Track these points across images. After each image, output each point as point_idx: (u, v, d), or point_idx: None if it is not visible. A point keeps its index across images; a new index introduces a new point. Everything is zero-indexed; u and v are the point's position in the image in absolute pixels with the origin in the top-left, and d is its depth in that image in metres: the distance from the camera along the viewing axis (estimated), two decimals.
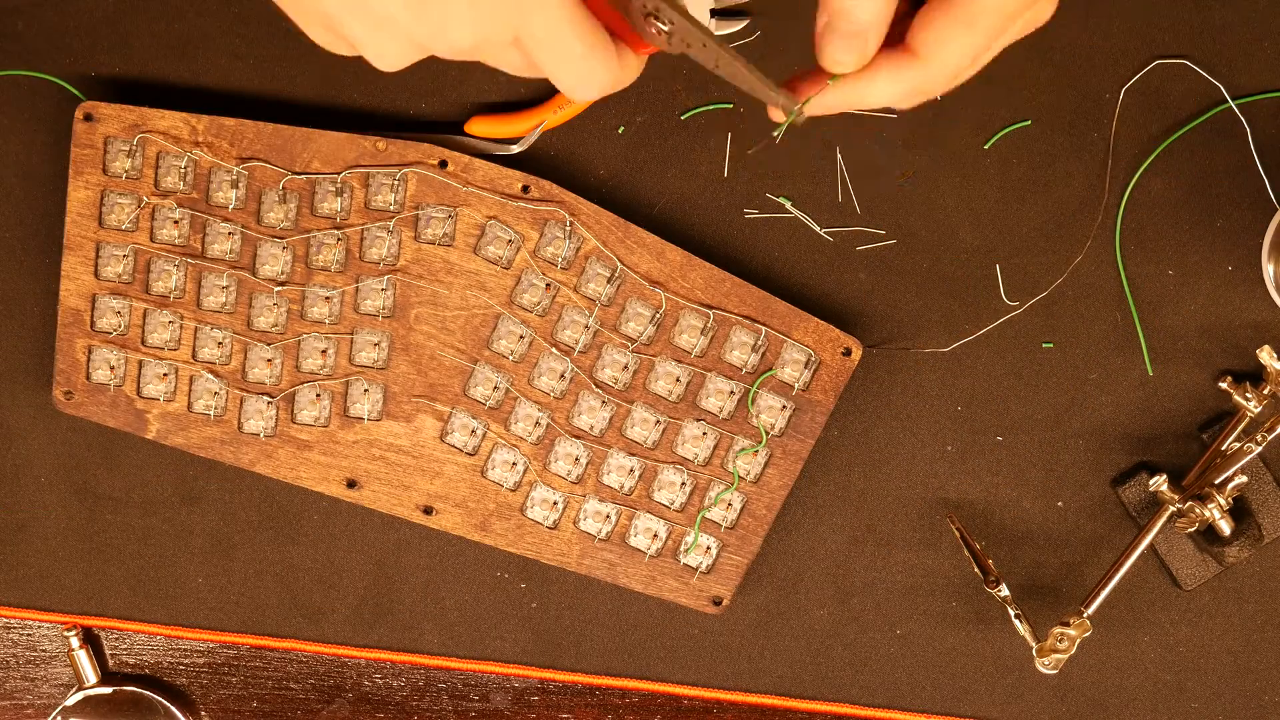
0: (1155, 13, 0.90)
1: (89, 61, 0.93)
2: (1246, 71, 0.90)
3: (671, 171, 0.92)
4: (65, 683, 0.97)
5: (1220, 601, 0.92)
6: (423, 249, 0.91)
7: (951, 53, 0.61)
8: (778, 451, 0.91)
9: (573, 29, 0.58)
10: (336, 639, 0.95)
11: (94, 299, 0.92)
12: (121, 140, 0.90)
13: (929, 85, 0.62)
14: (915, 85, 0.62)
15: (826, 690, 0.94)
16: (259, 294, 0.91)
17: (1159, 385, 0.91)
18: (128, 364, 0.92)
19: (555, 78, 0.60)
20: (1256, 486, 0.91)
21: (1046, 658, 0.87)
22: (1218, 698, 0.92)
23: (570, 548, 0.92)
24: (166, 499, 0.94)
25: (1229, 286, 0.91)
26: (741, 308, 0.90)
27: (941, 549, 0.93)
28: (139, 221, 0.91)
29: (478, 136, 0.92)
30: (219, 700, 0.97)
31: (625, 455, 0.91)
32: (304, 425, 0.92)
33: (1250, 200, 0.90)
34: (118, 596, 0.95)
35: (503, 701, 0.96)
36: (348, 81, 0.92)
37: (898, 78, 0.62)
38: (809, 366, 0.90)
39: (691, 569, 0.92)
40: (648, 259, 0.90)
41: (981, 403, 0.92)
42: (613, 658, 0.94)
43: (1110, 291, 0.91)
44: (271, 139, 0.90)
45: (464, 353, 0.91)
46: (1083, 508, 0.92)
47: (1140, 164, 0.91)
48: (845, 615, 0.93)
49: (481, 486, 0.92)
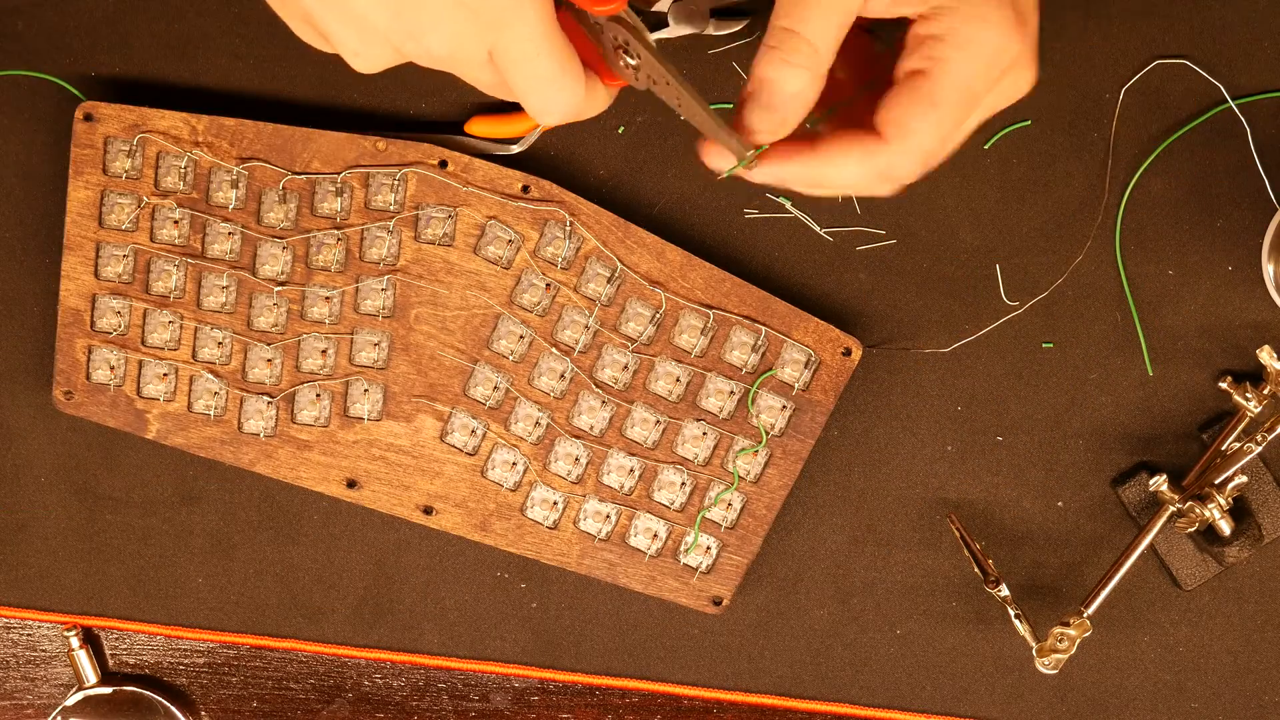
0: (1155, 13, 0.90)
1: (89, 61, 0.93)
2: (1246, 71, 0.90)
3: (671, 171, 0.92)
4: (65, 683, 0.97)
5: (1220, 601, 0.92)
6: (423, 249, 0.91)
7: (916, 133, 0.61)
8: (778, 451, 0.91)
9: (546, 48, 0.58)
10: (336, 639, 0.95)
11: (94, 299, 0.92)
12: (121, 140, 0.90)
13: (898, 169, 0.62)
14: (883, 169, 0.62)
15: (826, 690, 0.94)
16: (259, 294, 0.91)
17: (1159, 385, 0.91)
18: (128, 364, 0.92)
19: (523, 97, 0.60)
20: (1256, 486, 0.91)
21: (1046, 658, 0.87)
22: (1218, 698, 0.92)
23: (570, 548, 0.92)
24: (166, 499, 0.94)
25: (1229, 286, 0.91)
26: (741, 308, 0.90)
27: (941, 549, 0.93)
28: (139, 221, 0.91)
29: (478, 137, 0.92)
30: (219, 700, 0.97)
31: (625, 455, 0.91)
32: (304, 425, 0.92)
33: (1250, 200, 0.90)
34: (118, 596, 0.95)
35: (503, 701, 0.96)
36: (348, 81, 0.92)
37: (865, 161, 0.61)
38: (809, 366, 0.90)
39: (691, 569, 0.92)
40: (648, 259, 0.90)
41: (981, 403, 0.92)
42: (613, 658, 0.94)
43: (1110, 291, 0.91)
44: (271, 139, 0.90)
45: (464, 353, 0.91)
46: (1083, 508, 0.92)
47: (1140, 164, 0.91)
48: (845, 615, 0.93)
49: (481, 486, 0.92)
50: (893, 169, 0.61)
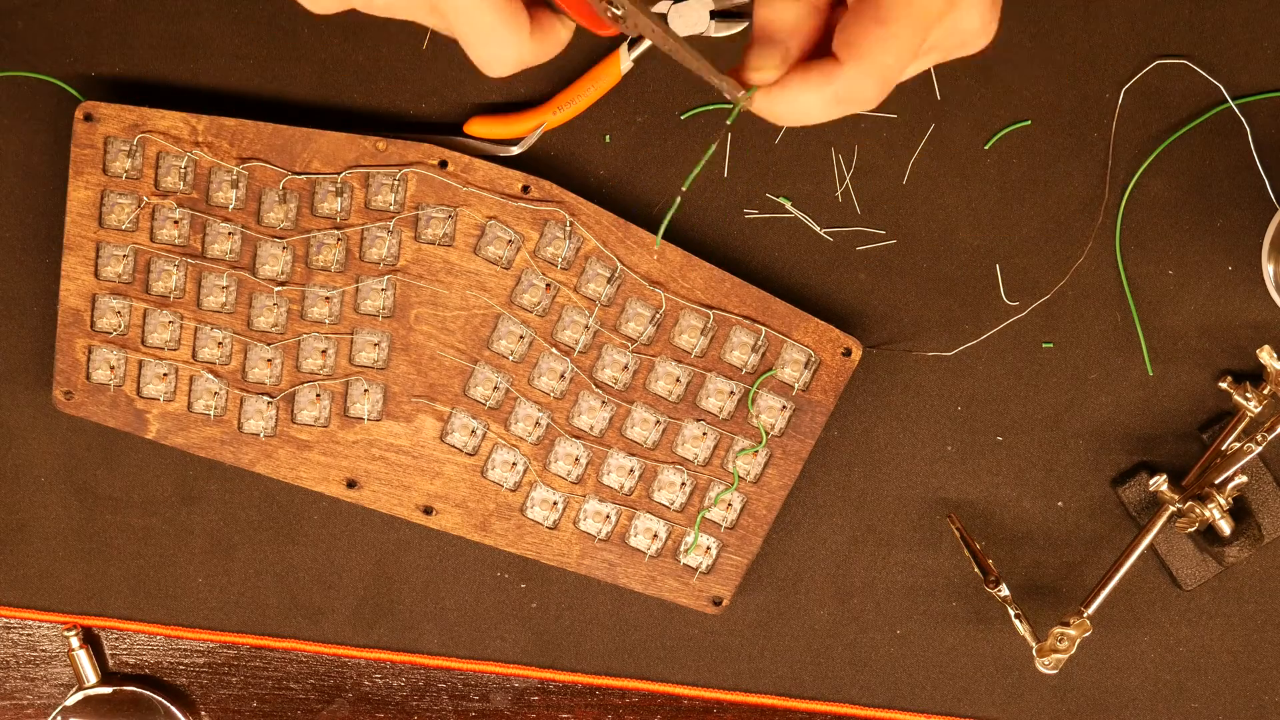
0: (1155, 13, 0.90)
1: (89, 61, 0.93)
2: (1246, 71, 0.90)
3: (671, 171, 0.92)
4: (65, 683, 0.97)
5: (1220, 601, 0.92)
6: (423, 249, 0.91)
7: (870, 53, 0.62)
8: (778, 452, 0.91)
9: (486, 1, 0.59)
10: (336, 639, 0.95)
11: (94, 299, 0.92)
12: (121, 140, 0.90)
13: (856, 90, 0.63)
14: (842, 92, 0.63)
15: (826, 690, 0.94)
16: (259, 294, 0.91)
17: (1159, 385, 0.91)
18: (128, 364, 0.92)
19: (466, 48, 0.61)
20: (1256, 486, 0.91)
21: (1046, 658, 0.87)
22: (1218, 698, 0.92)
23: (570, 548, 0.92)
24: (166, 499, 0.94)
25: (1229, 286, 0.91)
26: (741, 308, 0.90)
27: (941, 549, 0.93)
28: (139, 221, 0.91)
29: (478, 137, 0.92)
30: (219, 700, 0.97)
31: (625, 455, 0.91)
32: (304, 425, 0.92)
33: (1250, 200, 0.90)
34: (118, 596, 0.95)
35: (503, 701, 0.96)
36: (348, 81, 0.92)
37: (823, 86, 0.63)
38: (809, 367, 0.90)
39: (691, 569, 0.92)
40: (648, 259, 0.90)
41: (981, 403, 0.92)
42: (613, 658, 0.94)
43: (1110, 291, 0.91)
44: (271, 139, 0.90)
45: (464, 353, 0.91)
46: (1083, 508, 0.92)
47: (1140, 164, 0.91)
48: (845, 615, 0.93)
49: (481, 486, 0.92)
50: (851, 91, 0.63)
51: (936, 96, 0.91)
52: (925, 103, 0.91)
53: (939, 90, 0.91)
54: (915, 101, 0.91)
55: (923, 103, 0.91)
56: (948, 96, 0.90)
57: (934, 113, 0.91)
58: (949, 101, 0.91)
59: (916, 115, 0.91)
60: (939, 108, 0.91)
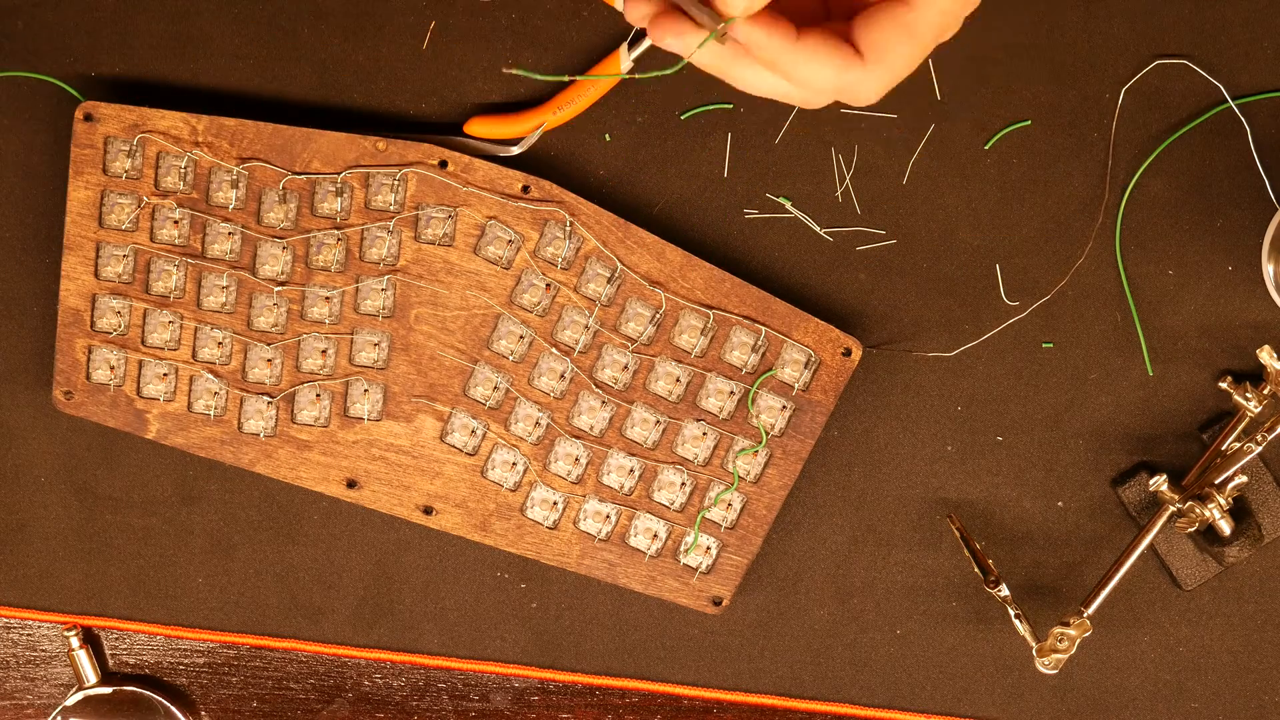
0: (1155, 13, 0.90)
1: (89, 61, 0.93)
2: (1246, 71, 0.90)
3: (671, 171, 0.92)
4: (65, 683, 0.97)
5: (1220, 601, 0.92)
6: (423, 249, 0.91)
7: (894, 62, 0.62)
8: (778, 451, 0.91)
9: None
10: (336, 639, 0.95)
11: (94, 299, 0.92)
12: (121, 140, 0.90)
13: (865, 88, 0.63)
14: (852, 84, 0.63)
15: (826, 690, 0.94)
16: (259, 294, 0.91)
17: (1159, 385, 0.91)
18: (128, 364, 0.92)
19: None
20: (1256, 486, 0.91)
21: (1046, 658, 0.87)
22: (1218, 698, 0.92)
23: (570, 548, 0.92)
24: (166, 499, 0.94)
25: (1229, 286, 0.91)
26: (741, 308, 0.90)
27: (941, 549, 0.93)
28: (139, 221, 0.91)
29: (478, 137, 0.92)
30: (219, 700, 0.97)
31: (625, 455, 0.91)
32: (304, 425, 0.92)
33: (1250, 200, 0.90)
34: (118, 596, 0.95)
35: (503, 701, 0.96)
36: (348, 81, 0.92)
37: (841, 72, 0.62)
38: (809, 367, 0.90)
39: (691, 569, 0.92)
40: (648, 259, 0.90)
41: (981, 403, 0.92)
42: (612, 658, 0.94)
43: (1110, 291, 0.91)
44: (271, 139, 0.90)
45: (464, 353, 0.91)
46: (1083, 508, 0.92)
47: (1140, 164, 0.91)
48: (845, 615, 0.93)
49: (481, 486, 0.92)
50: (861, 86, 0.63)
51: (936, 96, 0.91)
52: (925, 103, 0.91)
53: (939, 90, 0.91)
54: (915, 101, 0.91)
55: (923, 103, 0.91)
56: (948, 96, 0.90)
57: (934, 113, 0.91)
58: (949, 101, 0.91)
59: (916, 115, 0.91)
60: (939, 108, 0.91)
